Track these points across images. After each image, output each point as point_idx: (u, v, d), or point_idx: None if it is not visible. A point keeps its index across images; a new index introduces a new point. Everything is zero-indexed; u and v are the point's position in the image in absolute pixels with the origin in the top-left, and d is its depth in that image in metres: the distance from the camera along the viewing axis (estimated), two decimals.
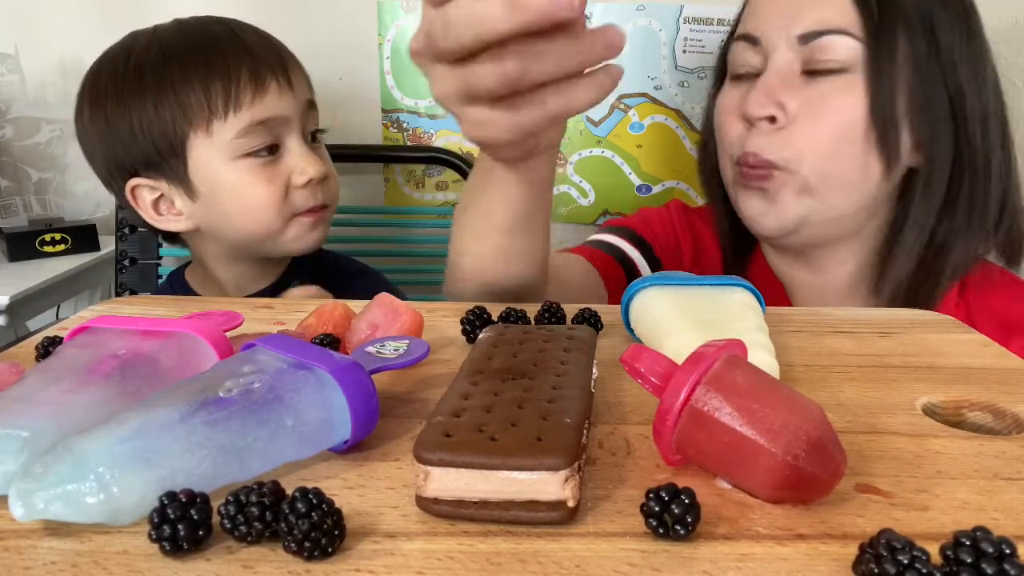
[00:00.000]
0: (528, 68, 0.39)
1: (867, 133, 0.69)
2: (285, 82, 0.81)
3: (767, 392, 0.31)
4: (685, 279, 0.51)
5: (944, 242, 0.72)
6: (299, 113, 0.82)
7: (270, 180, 0.80)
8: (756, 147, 0.71)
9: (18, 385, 0.36)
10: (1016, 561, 0.24)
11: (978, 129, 0.70)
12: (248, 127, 0.78)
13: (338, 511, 0.28)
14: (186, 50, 0.80)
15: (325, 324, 0.48)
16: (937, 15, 0.69)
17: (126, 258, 1.17)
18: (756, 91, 0.71)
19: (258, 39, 0.83)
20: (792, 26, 0.70)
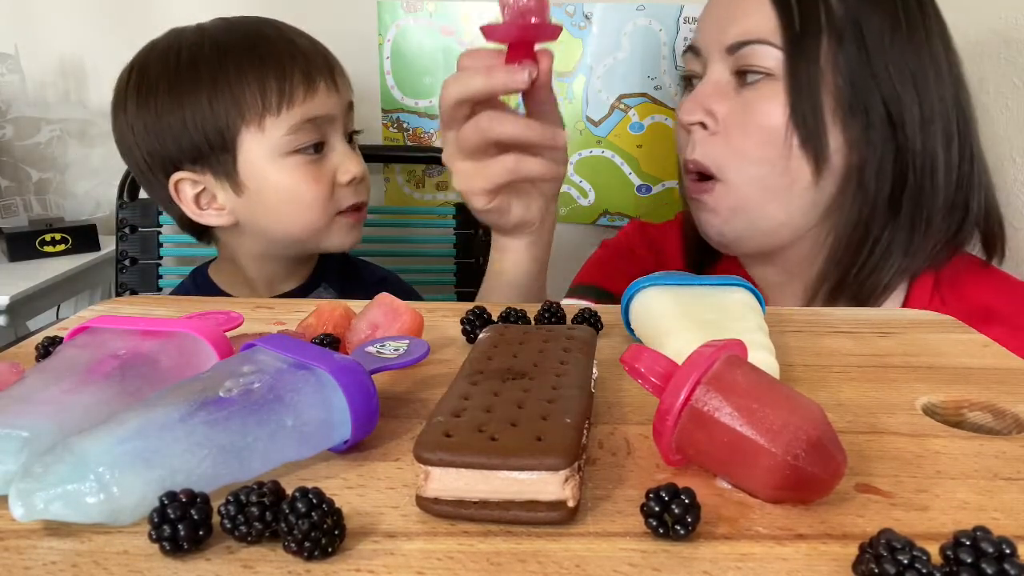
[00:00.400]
0: (491, 127, 0.59)
1: (789, 137, 0.70)
2: (331, 82, 0.83)
3: (767, 392, 0.31)
4: (685, 279, 0.51)
5: (891, 241, 0.73)
6: (342, 113, 0.84)
7: (316, 178, 0.82)
8: (693, 154, 0.74)
9: (18, 385, 0.36)
10: (1016, 561, 0.24)
11: (917, 131, 0.70)
12: (299, 124, 0.80)
13: (338, 511, 0.28)
14: (241, 47, 0.81)
15: (325, 324, 0.48)
16: (866, 20, 0.70)
17: (126, 258, 1.17)
18: (688, 99, 0.74)
19: (306, 40, 0.85)
20: (722, 37, 0.72)
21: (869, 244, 0.73)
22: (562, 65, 1.19)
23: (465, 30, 1.18)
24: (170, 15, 1.09)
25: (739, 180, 0.72)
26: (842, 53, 0.70)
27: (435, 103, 1.22)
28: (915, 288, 0.75)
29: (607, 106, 1.20)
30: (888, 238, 0.73)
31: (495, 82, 0.57)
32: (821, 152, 0.70)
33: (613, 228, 1.24)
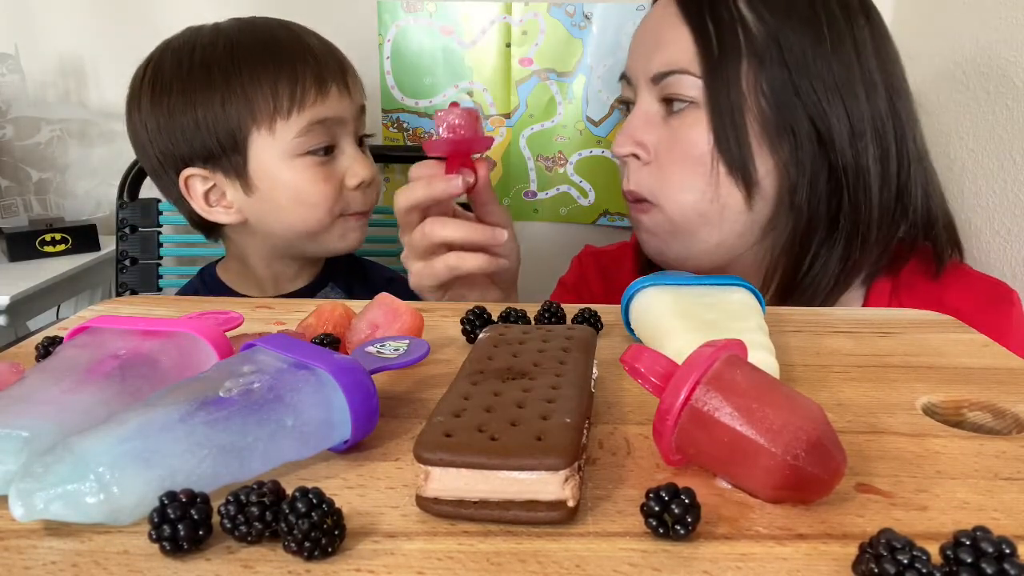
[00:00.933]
0: (434, 231, 0.65)
1: (716, 164, 0.70)
2: (343, 86, 0.84)
3: (767, 392, 0.31)
4: (685, 279, 0.51)
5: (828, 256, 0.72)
6: (354, 116, 0.85)
7: (325, 179, 0.83)
8: (628, 184, 0.75)
9: (18, 385, 0.36)
10: (1016, 561, 0.24)
11: (847, 146, 0.70)
12: (309, 126, 0.81)
13: (338, 511, 0.28)
14: (254, 49, 0.81)
15: (325, 324, 0.48)
16: (785, 39, 0.69)
17: (126, 258, 1.17)
18: (620, 132, 0.75)
19: (319, 43, 0.86)
20: (647, 67, 0.73)
21: (808, 260, 0.73)
22: (562, 65, 1.19)
23: (465, 30, 1.18)
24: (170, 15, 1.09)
25: (672, 207, 0.72)
26: (764, 75, 0.69)
27: (435, 103, 1.22)
28: (872, 294, 0.75)
29: (607, 106, 1.20)
30: (826, 254, 0.73)
31: (435, 191, 0.65)
32: (749, 177, 0.70)
33: (613, 228, 1.24)
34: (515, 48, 1.19)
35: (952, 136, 0.98)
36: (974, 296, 0.74)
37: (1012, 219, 0.88)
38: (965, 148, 0.96)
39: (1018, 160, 0.87)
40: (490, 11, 1.17)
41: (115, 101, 1.22)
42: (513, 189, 1.25)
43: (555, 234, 1.26)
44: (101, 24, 1.20)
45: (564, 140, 1.22)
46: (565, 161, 1.23)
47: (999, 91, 0.89)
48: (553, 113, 1.21)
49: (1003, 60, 0.89)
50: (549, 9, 1.17)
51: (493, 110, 1.21)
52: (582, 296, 0.93)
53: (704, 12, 0.70)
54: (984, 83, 0.92)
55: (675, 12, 0.72)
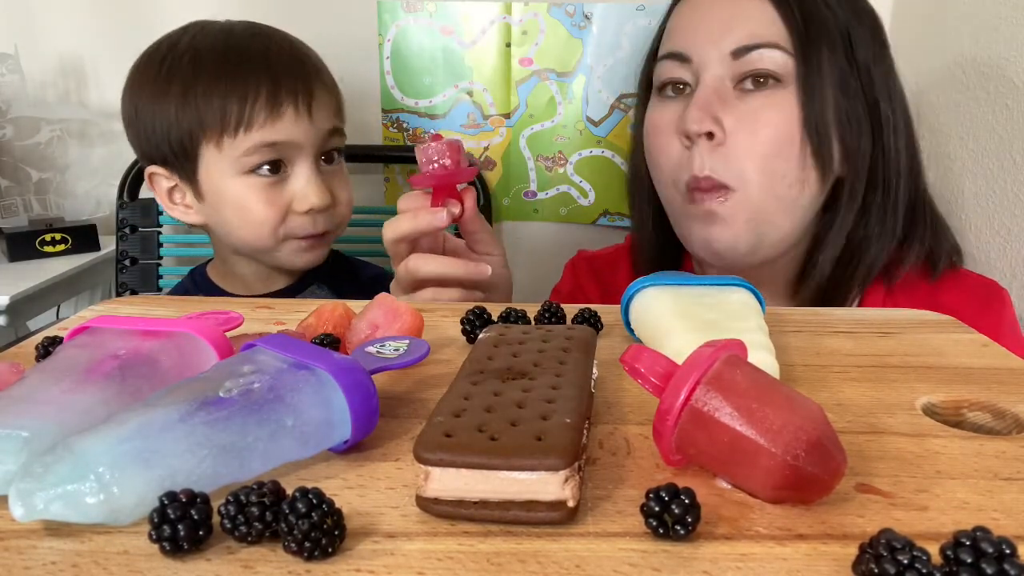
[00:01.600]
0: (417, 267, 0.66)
1: (803, 146, 0.69)
2: (305, 109, 0.81)
3: (767, 392, 0.31)
4: (685, 279, 0.51)
5: (859, 247, 0.74)
6: (315, 140, 0.82)
7: (270, 201, 0.81)
8: (704, 168, 0.70)
9: (18, 385, 0.36)
10: (1016, 561, 0.24)
11: (892, 139, 0.72)
12: (255, 147, 0.80)
13: (338, 511, 0.28)
14: (216, 61, 0.81)
15: (325, 324, 0.48)
16: (854, 30, 0.70)
17: (126, 258, 1.17)
18: (693, 107, 0.70)
19: (291, 59, 0.83)
20: (723, 41, 0.70)
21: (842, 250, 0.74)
22: (562, 65, 1.19)
23: (465, 30, 1.18)
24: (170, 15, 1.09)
25: (755, 191, 0.69)
26: (836, 61, 0.69)
27: (435, 103, 1.22)
28: (867, 298, 0.76)
29: (607, 106, 1.20)
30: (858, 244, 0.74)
31: (420, 223, 0.65)
32: (829, 162, 0.70)
33: (613, 228, 1.24)
34: (515, 48, 1.19)
35: (952, 136, 0.98)
36: (968, 298, 0.74)
37: (1012, 219, 0.88)
38: (965, 148, 0.96)
39: (1018, 160, 0.87)
40: (490, 11, 1.17)
41: (115, 101, 1.21)
42: (513, 189, 1.25)
43: (555, 234, 1.26)
44: (101, 24, 1.20)
45: (564, 140, 1.22)
46: (565, 161, 1.23)
47: (999, 91, 0.89)
48: (553, 113, 1.21)
49: (1003, 60, 0.89)
50: (549, 9, 1.17)
51: (493, 110, 1.21)
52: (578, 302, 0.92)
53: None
54: (984, 83, 0.92)
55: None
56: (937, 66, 1.00)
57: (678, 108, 0.73)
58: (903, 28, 1.07)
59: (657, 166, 0.76)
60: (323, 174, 0.84)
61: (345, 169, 0.89)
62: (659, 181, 0.77)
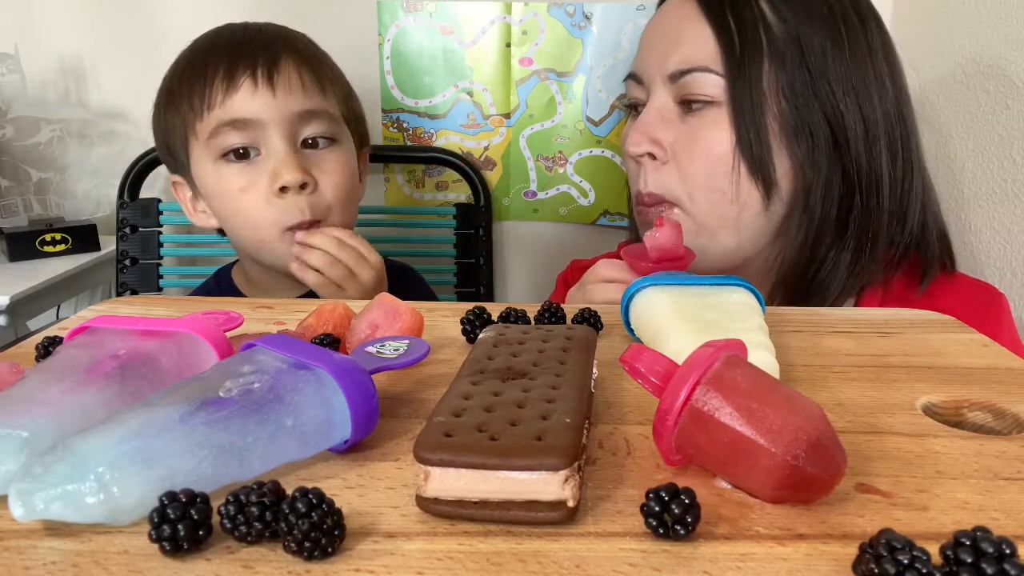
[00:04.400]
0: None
1: (737, 165, 0.69)
2: (265, 82, 0.77)
3: (767, 392, 0.31)
4: (685, 279, 0.51)
5: (836, 261, 0.72)
6: (283, 118, 0.78)
7: (245, 186, 0.78)
8: (647, 186, 0.73)
9: (18, 385, 0.36)
10: (1016, 561, 0.24)
11: (862, 149, 0.70)
12: (218, 126, 0.77)
13: (338, 511, 0.28)
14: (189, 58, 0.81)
15: (325, 324, 0.48)
16: (806, 39, 0.69)
17: (127, 258, 1.17)
18: (634, 130, 0.73)
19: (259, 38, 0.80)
20: (664, 65, 0.71)
21: (816, 265, 0.73)
22: (562, 65, 1.19)
23: (465, 30, 1.18)
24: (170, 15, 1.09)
25: (694, 208, 0.71)
26: (784, 75, 0.68)
27: (435, 103, 1.22)
28: (862, 303, 0.75)
29: (607, 106, 1.20)
30: (834, 258, 0.72)
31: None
32: (769, 177, 0.69)
33: (613, 228, 1.24)
34: (515, 48, 1.19)
35: (952, 136, 0.98)
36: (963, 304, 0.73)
37: (1012, 219, 0.88)
38: (965, 148, 0.96)
39: (1018, 160, 0.87)
40: (490, 11, 1.17)
41: (115, 101, 1.22)
42: (513, 189, 1.25)
43: (555, 234, 1.26)
44: (101, 24, 1.20)
45: (564, 140, 1.22)
46: (565, 161, 1.23)
47: (999, 91, 0.89)
48: (553, 113, 1.21)
49: (1003, 60, 0.89)
50: (549, 9, 1.17)
51: (493, 110, 1.21)
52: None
53: (726, 10, 0.70)
54: (984, 83, 0.92)
55: (694, 9, 0.71)
56: (937, 66, 1.00)
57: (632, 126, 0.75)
58: (903, 28, 1.07)
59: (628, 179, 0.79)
60: (301, 156, 0.80)
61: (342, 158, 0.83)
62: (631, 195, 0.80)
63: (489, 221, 1.21)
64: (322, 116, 0.81)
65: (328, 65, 0.86)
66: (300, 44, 0.84)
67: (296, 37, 0.85)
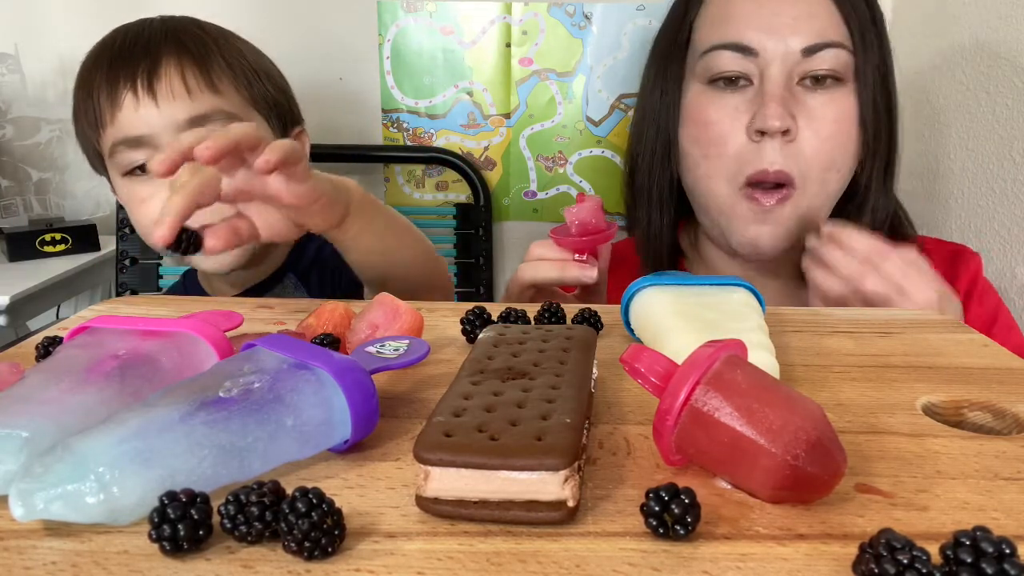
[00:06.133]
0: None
1: (856, 140, 0.72)
2: (147, 93, 0.72)
3: (767, 392, 0.31)
4: (685, 279, 0.51)
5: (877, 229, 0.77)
6: (173, 128, 0.72)
7: (147, 197, 0.74)
8: (779, 163, 0.70)
9: (18, 385, 0.36)
10: (1016, 561, 0.24)
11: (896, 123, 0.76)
12: (114, 145, 0.74)
13: (338, 511, 0.28)
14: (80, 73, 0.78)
15: (325, 324, 0.48)
16: (882, 28, 0.74)
17: (126, 258, 1.17)
18: (773, 104, 0.70)
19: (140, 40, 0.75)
20: (793, 38, 0.71)
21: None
22: (562, 65, 1.19)
23: (465, 30, 1.18)
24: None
25: (815, 188, 0.72)
26: (879, 56, 0.72)
27: (435, 103, 1.22)
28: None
29: (607, 106, 1.20)
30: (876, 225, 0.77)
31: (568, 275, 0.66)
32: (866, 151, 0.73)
33: None
34: (515, 48, 1.19)
35: (952, 136, 0.98)
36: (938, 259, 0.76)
37: (1012, 219, 0.88)
38: (965, 148, 0.96)
39: (1018, 160, 0.87)
40: (490, 11, 1.17)
41: None
42: (513, 189, 1.25)
43: None
44: (101, 24, 1.19)
45: (564, 140, 1.22)
46: (565, 161, 1.23)
47: (999, 91, 0.89)
48: (553, 113, 1.21)
49: (1003, 60, 0.89)
50: (549, 9, 1.17)
51: (493, 110, 1.21)
52: None
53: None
54: (984, 83, 0.92)
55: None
56: (937, 66, 1.00)
57: (737, 102, 0.73)
58: (903, 28, 1.06)
59: (707, 158, 0.75)
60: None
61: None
62: (706, 175, 0.75)
63: (489, 221, 1.21)
64: (216, 116, 0.74)
65: (224, 53, 0.78)
66: (186, 37, 0.77)
67: (182, 30, 0.78)
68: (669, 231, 0.83)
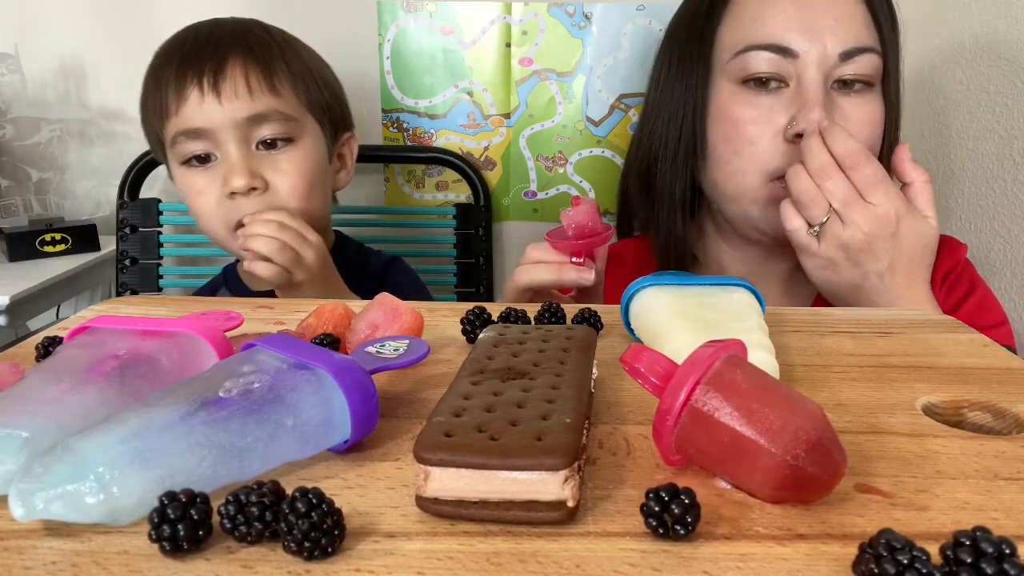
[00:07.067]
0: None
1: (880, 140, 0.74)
2: (211, 90, 0.77)
3: (767, 392, 0.31)
4: (685, 279, 0.51)
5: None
6: (232, 124, 0.78)
7: (200, 190, 0.80)
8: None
9: (18, 385, 0.36)
10: (1016, 561, 0.24)
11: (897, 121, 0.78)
12: (176, 135, 0.79)
13: (338, 511, 0.28)
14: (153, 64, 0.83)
15: (325, 324, 0.48)
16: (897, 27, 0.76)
17: (126, 258, 1.17)
18: (816, 108, 0.70)
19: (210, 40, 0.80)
20: (832, 42, 0.71)
21: None
22: (562, 65, 1.19)
23: (465, 30, 1.18)
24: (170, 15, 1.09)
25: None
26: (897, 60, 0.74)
27: (435, 103, 1.22)
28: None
29: (607, 106, 1.20)
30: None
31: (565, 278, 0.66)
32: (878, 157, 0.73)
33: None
34: (515, 48, 1.19)
35: (952, 136, 0.98)
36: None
37: (1012, 219, 0.88)
38: (965, 148, 0.96)
39: (1018, 160, 0.87)
40: (490, 11, 1.17)
41: (115, 101, 1.22)
42: (513, 189, 1.25)
43: None
44: (101, 24, 1.20)
45: (564, 140, 1.22)
46: (565, 161, 1.23)
47: (999, 91, 0.89)
48: (553, 113, 1.21)
49: (1003, 60, 0.89)
50: (549, 9, 1.17)
51: (493, 110, 1.21)
52: None
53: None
54: (984, 83, 0.92)
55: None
56: (937, 66, 1.00)
57: (772, 103, 0.73)
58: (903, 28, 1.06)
59: (736, 154, 0.75)
60: (255, 158, 0.80)
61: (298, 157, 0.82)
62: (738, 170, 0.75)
63: (489, 221, 1.21)
64: (273, 118, 0.80)
65: (287, 58, 0.83)
66: (252, 40, 0.82)
67: (249, 32, 0.82)
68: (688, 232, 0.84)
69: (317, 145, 0.85)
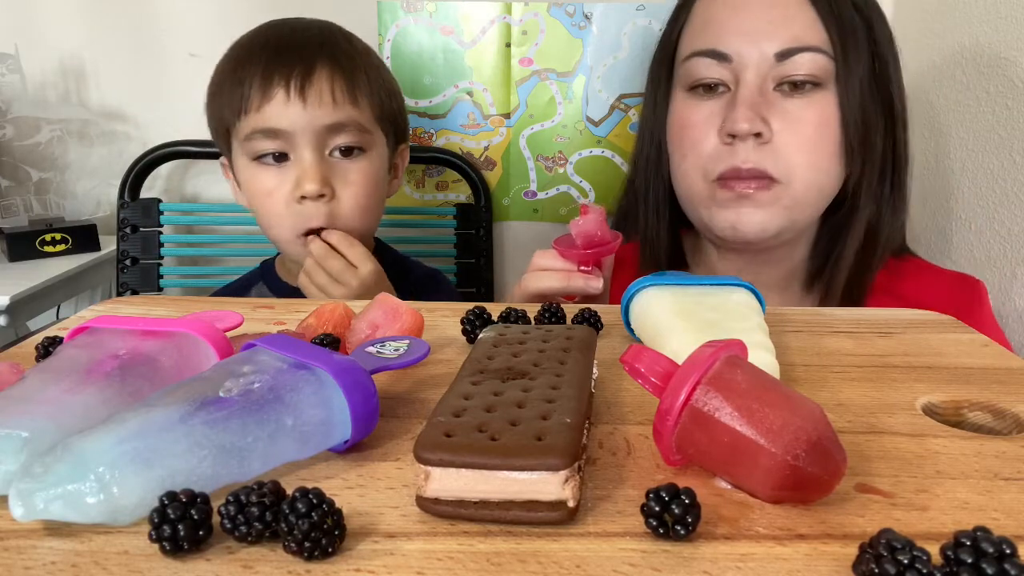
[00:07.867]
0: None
1: (840, 143, 0.72)
2: (298, 94, 0.79)
3: (767, 392, 0.31)
4: (685, 279, 0.51)
5: (875, 236, 0.77)
6: (312, 129, 0.80)
7: (270, 190, 0.81)
8: (751, 162, 0.72)
9: (18, 385, 0.36)
10: (1016, 561, 0.24)
11: (901, 133, 0.76)
12: (251, 133, 0.80)
13: (338, 511, 0.28)
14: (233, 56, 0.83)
15: (325, 324, 0.48)
16: (877, 27, 0.74)
17: (127, 258, 1.17)
18: (742, 108, 0.71)
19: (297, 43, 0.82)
20: (766, 43, 0.71)
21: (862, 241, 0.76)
22: (562, 65, 1.19)
23: (465, 30, 1.18)
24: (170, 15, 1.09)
25: (800, 184, 0.72)
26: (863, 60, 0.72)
27: (435, 103, 1.22)
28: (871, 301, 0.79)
29: (607, 106, 1.20)
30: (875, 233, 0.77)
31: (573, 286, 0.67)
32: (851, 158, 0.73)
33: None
34: (515, 48, 1.19)
35: (952, 136, 0.98)
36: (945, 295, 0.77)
37: (1012, 219, 0.88)
38: (965, 148, 0.96)
39: (1018, 160, 0.87)
40: (490, 11, 1.17)
41: (115, 101, 1.22)
42: (513, 189, 1.25)
43: (555, 234, 1.26)
44: (101, 24, 1.20)
45: (564, 140, 1.22)
46: (565, 161, 1.23)
47: (999, 91, 0.89)
48: (553, 113, 1.21)
49: (1003, 60, 0.89)
50: (549, 9, 1.17)
51: (493, 110, 1.21)
52: None
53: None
54: (984, 83, 0.92)
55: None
56: (937, 66, 1.00)
57: (713, 107, 0.74)
58: (903, 27, 1.06)
59: (684, 157, 0.77)
60: (326, 165, 0.81)
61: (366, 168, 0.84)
62: (682, 172, 0.78)
63: (489, 221, 1.21)
64: (350, 128, 0.82)
65: (367, 69, 0.85)
66: (338, 50, 0.84)
67: (335, 42, 0.85)
68: (667, 235, 0.85)
69: (382, 156, 0.87)
